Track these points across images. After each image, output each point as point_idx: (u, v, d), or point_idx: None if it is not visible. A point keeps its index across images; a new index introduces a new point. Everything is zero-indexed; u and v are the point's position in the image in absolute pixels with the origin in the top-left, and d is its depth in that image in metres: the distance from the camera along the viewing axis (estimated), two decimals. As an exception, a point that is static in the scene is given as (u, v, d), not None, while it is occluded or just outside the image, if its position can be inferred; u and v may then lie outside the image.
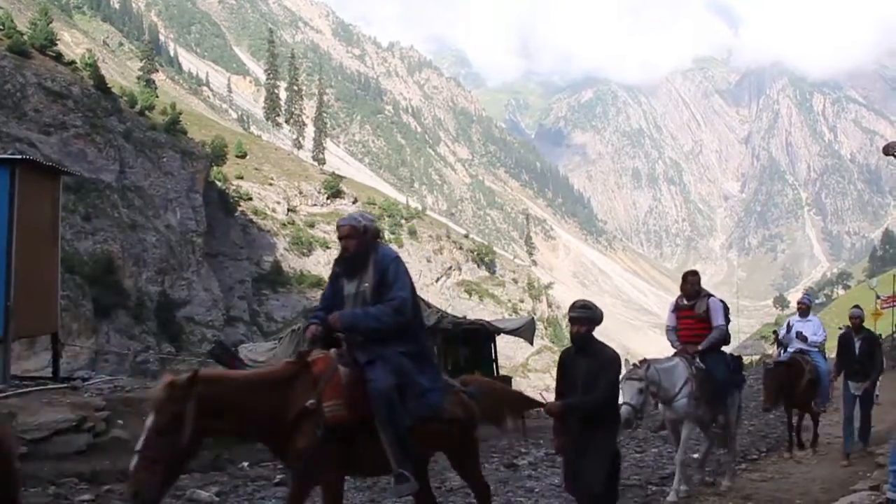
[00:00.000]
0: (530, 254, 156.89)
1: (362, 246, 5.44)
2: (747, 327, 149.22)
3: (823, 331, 11.74)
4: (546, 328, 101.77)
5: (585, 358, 5.62)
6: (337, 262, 5.74)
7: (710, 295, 8.73)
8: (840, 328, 29.28)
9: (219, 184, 74.59)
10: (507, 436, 11.24)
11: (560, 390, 5.84)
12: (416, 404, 5.17)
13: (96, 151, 56.51)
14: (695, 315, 8.63)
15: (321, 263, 79.58)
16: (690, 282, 8.83)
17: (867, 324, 11.60)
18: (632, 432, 12.13)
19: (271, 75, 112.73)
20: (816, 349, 11.60)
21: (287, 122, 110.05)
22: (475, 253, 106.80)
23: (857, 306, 11.29)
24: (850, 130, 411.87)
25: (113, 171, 57.27)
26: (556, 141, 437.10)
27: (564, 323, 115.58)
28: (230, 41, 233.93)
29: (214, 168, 74.55)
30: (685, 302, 8.81)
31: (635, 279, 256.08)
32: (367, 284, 5.35)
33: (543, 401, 5.99)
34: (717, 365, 8.47)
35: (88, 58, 70.18)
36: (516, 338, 25.35)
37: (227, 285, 66.40)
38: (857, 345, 10.70)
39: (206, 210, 66.68)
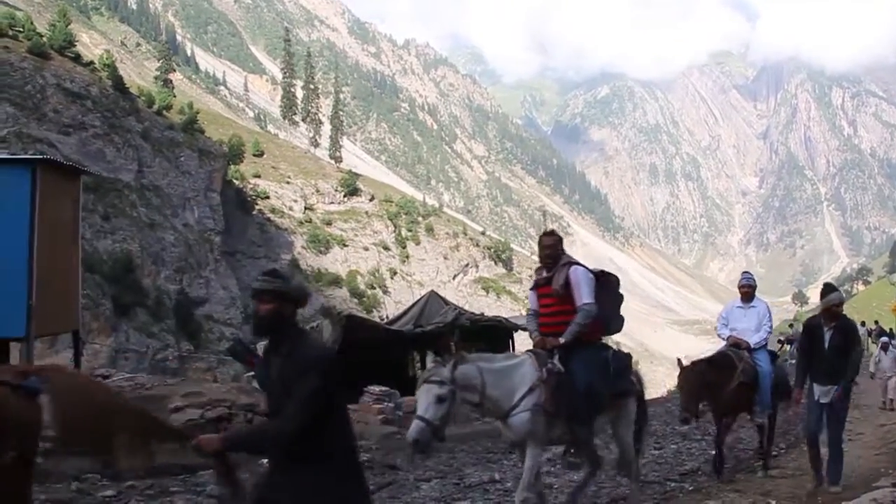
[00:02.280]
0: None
1: None
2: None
3: (769, 320, 9.30)
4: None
5: (278, 358, 3.63)
6: None
7: (571, 263, 6.37)
8: (864, 325, 28.56)
9: (236, 182, 74.95)
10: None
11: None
12: None
13: (115, 151, 56.98)
14: (553, 292, 6.34)
15: (338, 261, 79.90)
16: (545, 245, 6.51)
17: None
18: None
19: (287, 74, 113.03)
20: (763, 344, 9.10)
21: (304, 120, 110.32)
22: (492, 250, 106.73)
23: (830, 286, 8.62)
24: (870, 124, 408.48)
25: (131, 170, 57.72)
26: (572, 137, 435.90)
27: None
28: (246, 40, 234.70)
29: (232, 167, 74.92)
30: (544, 274, 6.50)
31: (653, 276, 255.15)
32: None
33: (181, 432, 4.16)
34: (585, 365, 6.17)
35: (106, 58, 70.65)
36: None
37: (244, 283, 66.67)
38: (828, 337, 7.98)
39: (224, 209, 67.07)
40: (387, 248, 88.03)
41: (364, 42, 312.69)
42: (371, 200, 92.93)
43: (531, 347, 6.36)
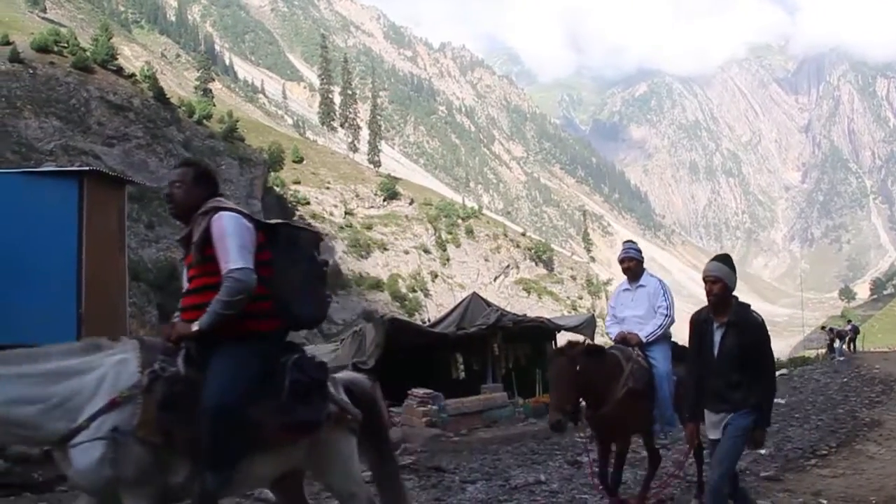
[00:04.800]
0: (588, 250, 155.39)
1: None
2: (812, 320, 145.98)
3: (666, 301, 6.77)
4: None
5: None
6: None
7: (219, 208, 3.90)
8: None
9: (277, 189, 75.62)
10: None
11: None
12: None
13: (157, 161, 57.84)
14: (193, 259, 3.93)
15: (379, 265, 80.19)
16: (171, 182, 4.16)
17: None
18: None
19: (325, 80, 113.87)
20: (660, 335, 6.72)
21: (342, 125, 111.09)
22: (532, 251, 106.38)
23: (721, 258, 5.37)
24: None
25: (174, 179, 58.51)
26: (611, 136, 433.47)
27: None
28: (284, 48, 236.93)
29: (272, 174, 75.62)
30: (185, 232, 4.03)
31: (695, 273, 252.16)
32: None
33: None
34: (226, 369, 3.71)
35: (147, 70, 71.80)
36: (576, 335, 25.20)
37: (287, 289, 67.16)
38: (718, 337, 5.15)
39: (265, 215, 67.44)
40: (427, 252, 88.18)
41: (400, 46, 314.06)
42: (411, 204, 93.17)
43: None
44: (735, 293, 5.19)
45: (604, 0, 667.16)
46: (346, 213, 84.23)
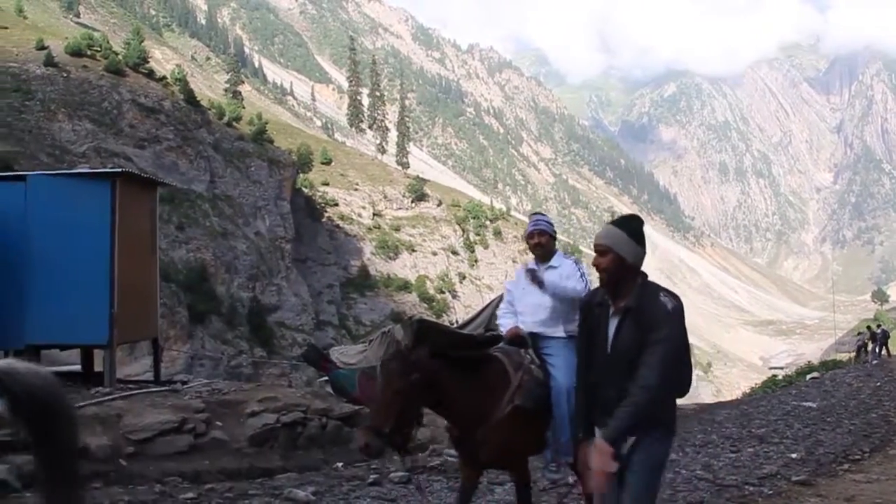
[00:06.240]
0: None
1: None
2: (844, 323, 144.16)
3: (583, 281, 5.17)
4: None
5: None
6: None
7: None
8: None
9: (305, 191, 75.99)
10: None
11: None
12: None
13: (188, 163, 58.40)
14: None
15: (407, 267, 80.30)
16: None
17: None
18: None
19: (353, 82, 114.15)
20: (561, 337, 5.12)
21: (370, 127, 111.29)
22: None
23: (619, 221, 4.16)
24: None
25: (204, 181, 59.06)
26: (639, 137, 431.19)
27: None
28: (312, 50, 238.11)
29: (301, 175, 76.00)
30: None
31: (725, 276, 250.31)
32: None
33: None
34: None
35: (178, 73, 72.48)
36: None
37: (315, 290, 67.56)
38: (612, 328, 3.73)
39: (294, 217, 68.05)
40: (455, 253, 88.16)
41: (428, 48, 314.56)
42: (439, 205, 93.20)
43: None
44: (766, 295, 3.83)
45: (632, 0, 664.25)
46: (374, 214, 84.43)
